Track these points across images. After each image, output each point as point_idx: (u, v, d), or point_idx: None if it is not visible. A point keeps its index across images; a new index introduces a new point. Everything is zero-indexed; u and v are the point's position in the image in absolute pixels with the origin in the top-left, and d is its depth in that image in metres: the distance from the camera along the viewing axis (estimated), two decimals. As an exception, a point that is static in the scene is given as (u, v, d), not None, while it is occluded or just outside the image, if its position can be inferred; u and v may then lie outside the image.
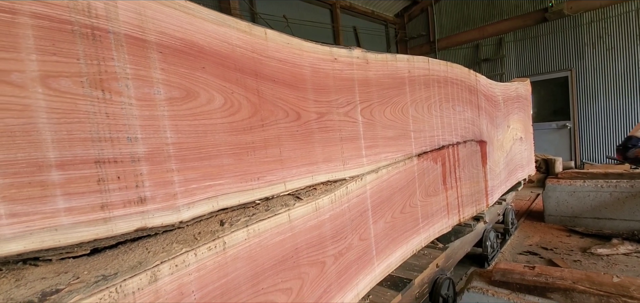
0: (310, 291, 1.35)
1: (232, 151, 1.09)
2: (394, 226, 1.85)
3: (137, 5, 0.86)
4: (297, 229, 1.30)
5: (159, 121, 0.91)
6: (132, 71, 0.85)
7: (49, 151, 0.74)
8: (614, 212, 4.24)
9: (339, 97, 1.48)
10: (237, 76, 1.09)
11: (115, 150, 0.83)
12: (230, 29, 1.08)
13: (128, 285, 0.85)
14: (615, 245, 3.91)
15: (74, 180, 0.77)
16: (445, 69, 2.48)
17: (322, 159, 1.41)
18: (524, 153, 4.40)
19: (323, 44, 1.41)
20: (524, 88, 4.47)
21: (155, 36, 0.90)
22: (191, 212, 0.99)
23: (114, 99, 0.82)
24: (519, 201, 5.86)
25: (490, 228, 3.68)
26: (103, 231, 0.82)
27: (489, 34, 8.34)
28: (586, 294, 1.75)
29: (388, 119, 1.81)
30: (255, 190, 1.17)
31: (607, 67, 6.94)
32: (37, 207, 0.73)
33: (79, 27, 0.78)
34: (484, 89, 3.16)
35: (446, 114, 2.45)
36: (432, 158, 2.24)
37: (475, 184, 2.90)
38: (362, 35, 8.55)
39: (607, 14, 6.82)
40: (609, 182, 4.30)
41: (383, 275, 1.78)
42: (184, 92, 0.96)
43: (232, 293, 1.08)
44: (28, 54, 0.71)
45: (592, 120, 7.19)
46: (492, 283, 2.10)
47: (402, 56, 1.95)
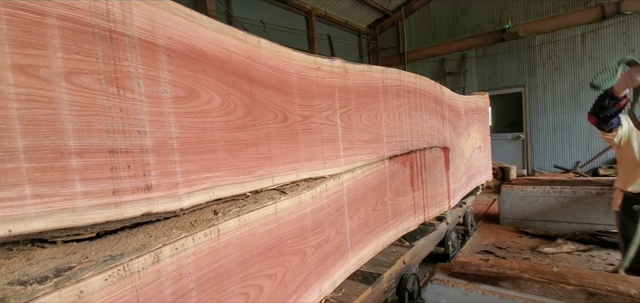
0: (292, 277, 1.47)
1: (227, 147, 1.20)
2: (367, 222, 2.03)
3: (150, 12, 0.96)
4: (282, 220, 1.42)
5: (165, 117, 1.00)
6: (143, 71, 0.95)
7: (70, 140, 0.82)
8: (558, 215, 4.73)
9: (321, 102, 1.63)
10: (234, 80, 1.21)
11: (127, 141, 0.92)
12: (228, 37, 1.19)
13: (134, 264, 0.93)
14: (559, 245, 4.36)
15: (90, 167, 0.85)
16: (415, 81, 2.71)
17: (305, 157, 1.55)
18: (482, 160, 4.79)
19: (308, 54, 1.56)
20: (483, 101, 4.88)
21: (164, 41, 1.00)
22: (191, 200, 1.09)
23: (127, 96, 0.92)
24: (478, 206, 6.31)
25: (451, 229, 3.98)
26: (114, 214, 0.91)
27: (453, 49, 8.91)
28: (531, 282, 2.01)
29: (364, 124, 1.98)
30: (247, 183, 1.29)
31: (555, 85, 7.68)
32: (58, 190, 0.81)
33: (99, 29, 0.87)
34: (448, 101, 3.45)
35: (415, 121, 2.68)
36: (402, 161, 2.45)
37: (439, 187, 3.16)
38: (336, 44, 8.81)
39: (556, 37, 7.56)
40: (555, 188, 4.79)
41: (356, 266, 1.94)
42: (187, 92, 1.07)
43: (224, 276, 1.18)
44: (54, 52, 0.80)
45: (542, 132, 7.91)
46: (452, 275, 2.32)
47: (377, 67, 2.14)
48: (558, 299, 1.90)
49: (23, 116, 0.76)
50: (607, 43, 7.09)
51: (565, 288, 1.90)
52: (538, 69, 7.85)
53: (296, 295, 1.50)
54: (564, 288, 1.90)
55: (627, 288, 1.78)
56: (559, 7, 7.46)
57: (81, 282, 0.83)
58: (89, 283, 0.84)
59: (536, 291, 1.97)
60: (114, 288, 0.88)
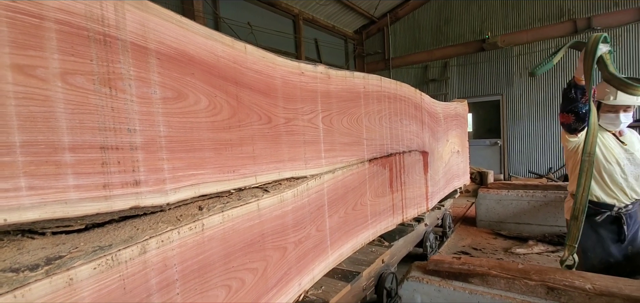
0: (273, 272, 1.55)
1: (213, 146, 1.27)
2: (347, 221, 2.12)
3: (142, 18, 1.02)
4: (264, 217, 1.50)
5: (154, 116, 1.07)
6: (135, 73, 1.01)
7: (64, 136, 0.87)
8: (530, 218, 4.97)
9: (304, 105, 1.72)
10: (221, 83, 1.28)
11: (117, 139, 0.98)
12: (216, 43, 1.26)
13: (122, 254, 0.99)
14: (530, 246, 4.59)
15: (82, 162, 0.91)
16: (395, 87, 2.83)
17: (287, 158, 1.63)
18: (461, 164, 4.99)
19: (293, 60, 1.64)
20: (462, 108, 5.08)
21: (155, 45, 1.06)
22: (177, 196, 1.16)
23: (119, 96, 0.98)
24: (456, 208, 6.53)
25: (430, 230, 4.13)
26: (104, 207, 0.96)
27: (436, 57, 9.19)
28: (497, 278, 2.15)
29: (345, 127, 2.08)
30: (231, 181, 1.36)
31: (531, 94, 8.04)
32: (52, 183, 0.86)
33: (94, 33, 0.92)
34: (427, 107, 3.59)
35: (394, 126, 2.80)
36: (381, 163, 2.56)
37: (418, 189, 3.30)
38: (322, 48, 8.92)
39: (532, 49, 7.93)
40: (528, 192, 5.03)
41: (336, 263, 2.03)
42: (175, 93, 1.13)
43: (207, 268, 1.25)
44: (51, 53, 0.85)
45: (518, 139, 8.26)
46: (427, 272, 2.44)
47: (358, 73, 2.25)
48: (521, 294, 2.05)
49: (20, 113, 0.81)
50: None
51: (528, 284, 2.04)
52: (515, 78, 8.21)
53: (276, 288, 1.57)
54: (527, 284, 2.04)
55: (582, 284, 1.94)
56: (535, 20, 7.83)
57: (71, 270, 0.89)
58: (78, 272, 0.90)
59: (502, 286, 2.12)
60: (102, 277, 0.94)
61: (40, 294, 0.83)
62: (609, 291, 1.86)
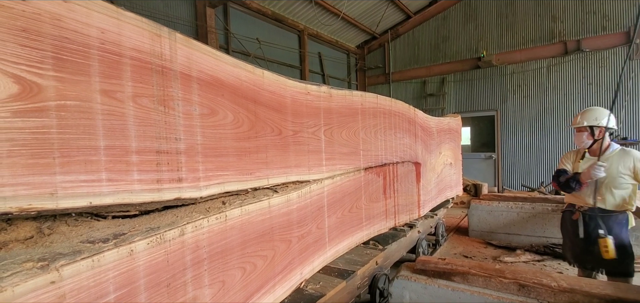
0: (280, 260, 1.84)
1: (235, 153, 1.57)
2: (343, 221, 2.41)
3: (188, 53, 1.34)
4: (274, 213, 1.79)
5: (193, 128, 1.37)
6: (182, 95, 1.32)
7: (132, 142, 1.18)
8: (520, 229, 5.23)
9: (309, 120, 2.03)
10: (243, 101, 1.59)
11: (168, 145, 1.28)
12: (240, 70, 1.58)
13: (167, 234, 1.29)
14: (518, 255, 4.85)
15: (144, 162, 1.21)
16: (390, 104, 3.15)
17: (294, 164, 1.93)
18: (453, 176, 5.27)
19: (300, 81, 1.96)
20: (455, 122, 5.39)
21: (196, 73, 1.38)
22: (207, 191, 1.45)
23: (170, 113, 1.28)
24: (450, 218, 6.78)
25: (423, 238, 4.40)
26: (157, 197, 1.26)
27: (434, 73, 9.56)
28: (476, 276, 2.43)
29: (344, 139, 2.38)
30: (248, 182, 1.66)
31: (524, 111, 8.38)
32: (123, 176, 1.16)
33: (155, 66, 1.24)
34: (420, 121, 3.90)
35: (389, 139, 3.10)
36: (376, 172, 2.86)
37: (410, 197, 3.59)
38: (326, 62, 9.30)
39: (526, 68, 8.29)
40: (517, 204, 5.30)
41: (333, 258, 2.32)
42: (209, 110, 1.44)
43: (228, 252, 1.54)
44: (126, 81, 1.16)
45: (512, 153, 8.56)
46: (415, 271, 2.72)
47: (357, 92, 2.56)
48: (497, 290, 2.32)
49: (105, 125, 1.11)
50: (569, 75, 7.84)
51: (503, 281, 2.32)
52: (509, 95, 8.55)
53: (282, 274, 1.86)
54: (502, 281, 2.32)
55: (549, 282, 2.22)
56: (528, 41, 8.20)
57: (132, 244, 1.18)
58: (137, 245, 1.19)
59: (480, 284, 2.39)
60: (153, 251, 1.23)
61: (111, 260, 1.12)
62: (571, 288, 2.14)
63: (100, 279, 1.04)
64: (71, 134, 1.03)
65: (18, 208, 0.95)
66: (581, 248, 2.73)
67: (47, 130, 0.98)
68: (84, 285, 1.00)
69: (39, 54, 0.98)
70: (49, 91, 0.99)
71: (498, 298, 2.27)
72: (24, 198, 0.95)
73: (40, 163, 0.97)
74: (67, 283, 0.97)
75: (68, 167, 1.02)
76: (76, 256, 1.02)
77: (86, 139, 1.06)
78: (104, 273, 1.05)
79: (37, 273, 0.94)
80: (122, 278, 1.10)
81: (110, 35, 1.12)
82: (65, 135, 1.01)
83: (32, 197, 0.97)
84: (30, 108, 0.96)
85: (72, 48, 1.04)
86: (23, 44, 0.95)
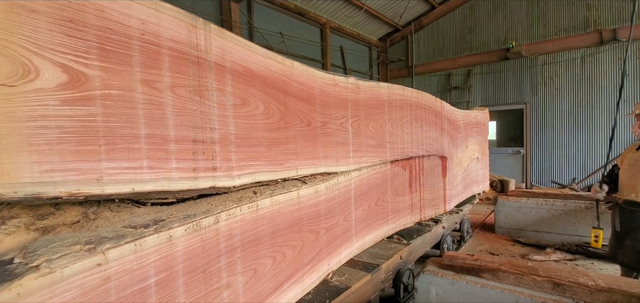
0: (308, 251, 1.85)
1: (266, 143, 1.58)
2: (370, 214, 2.39)
3: (222, 44, 1.35)
4: (303, 204, 1.80)
5: (227, 118, 1.39)
6: (216, 85, 1.34)
7: (171, 131, 1.21)
8: (550, 226, 5.03)
9: (337, 112, 2.01)
10: (273, 92, 1.60)
11: (204, 135, 1.30)
12: (271, 61, 1.58)
13: (203, 221, 1.31)
14: (548, 253, 4.66)
15: (181, 151, 1.24)
16: (417, 96, 3.08)
17: (322, 156, 1.93)
18: (480, 171, 5.12)
19: (329, 73, 1.94)
20: (482, 116, 5.22)
21: (230, 64, 1.39)
22: (240, 181, 1.47)
23: (205, 103, 1.30)
24: (476, 215, 6.61)
25: (447, 233, 4.31)
26: (193, 185, 1.29)
27: (459, 65, 9.28)
28: (507, 273, 2.35)
29: (370, 131, 2.36)
30: (278, 172, 1.67)
31: (555, 104, 8.00)
32: (162, 164, 1.19)
33: (191, 56, 1.26)
34: (447, 114, 3.81)
35: (415, 131, 3.04)
36: (402, 165, 2.82)
37: (436, 191, 3.51)
38: (347, 55, 9.22)
39: (558, 58, 7.89)
40: (547, 201, 5.09)
41: (359, 250, 2.31)
42: (242, 101, 1.45)
43: (259, 241, 1.56)
44: (165, 71, 1.19)
45: (541, 148, 8.21)
46: (442, 267, 2.67)
47: (384, 84, 2.52)
48: (529, 288, 2.24)
49: (145, 114, 1.14)
50: (604, 67, 7.41)
51: (536, 279, 2.24)
52: (539, 87, 8.18)
53: (310, 265, 1.87)
54: (534, 279, 2.24)
55: (586, 281, 2.12)
56: (560, 30, 7.80)
57: (171, 230, 1.21)
58: (175, 231, 1.22)
59: (511, 281, 2.32)
60: (190, 237, 1.26)
61: (151, 244, 1.16)
62: (609, 287, 2.04)
63: (142, 263, 1.08)
64: (115, 122, 1.06)
65: (67, 193, 0.99)
66: (615, 242, 2.63)
67: (93, 118, 1.02)
68: (128, 268, 1.04)
69: (84, 44, 1.01)
70: (95, 80, 1.02)
71: (531, 297, 2.20)
72: (72, 184, 1.00)
73: (87, 150, 1.01)
74: (112, 266, 1.01)
75: (112, 154, 1.05)
76: (120, 240, 1.05)
77: (128, 128, 1.09)
78: (145, 257, 1.08)
79: (84, 256, 0.98)
80: (162, 263, 1.13)
81: (149, 26, 1.15)
82: (109, 123, 1.05)
83: (80, 183, 1.01)
84: (77, 97, 0.99)
85: (114, 39, 1.07)
86: (69, 35, 0.99)
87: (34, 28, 0.92)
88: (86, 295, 0.93)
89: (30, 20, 0.92)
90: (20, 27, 0.90)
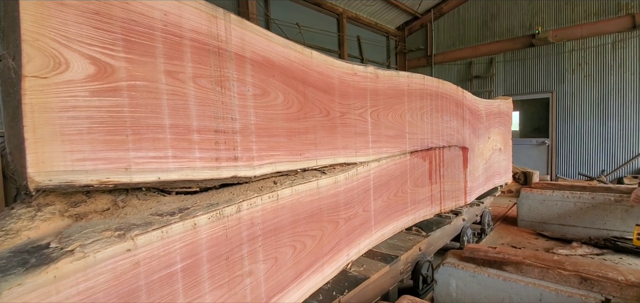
0: (327, 240, 1.85)
1: (285, 133, 1.59)
2: (389, 205, 2.37)
3: (242, 34, 1.36)
4: (322, 194, 1.80)
5: (247, 109, 1.40)
6: (236, 75, 1.35)
7: (193, 121, 1.23)
8: (576, 220, 4.84)
9: (356, 101, 1.99)
10: (292, 82, 1.59)
11: (225, 125, 1.32)
12: (290, 50, 1.58)
13: (225, 210, 1.34)
14: (574, 248, 4.50)
15: (203, 141, 1.26)
16: (437, 85, 3.01)
17: (341, 146, 1.92)
18: (502, 162, 4.98)
19: (347, 62, 1.92)
20: (506, 105, 5.05)
21: (249, 54, 1.39)
22: (261, 171, 1.49)
23: (226, 93, 1.32)
24: (497, 208, 6.45)
25: (468, 226, 4.22)
26: (215, 174, 1.31)
27: (481, 53, 8.98)
28: (531, 267, 2.29)
29: (390, 122, 2.32)
30: (298, 162, 1.67)
31: (584, 93, 7.63)
32: (186, 154, 1.22)
33: (212, 47, 1.27)
34: (469, 104, 3.70)
35: (435, 122, 2.98)
36: (422, 156, 2.77)
37: (456, 183, 3.44)
38: (364, 45, 9.10)
39: (587, 44, 7.50)
40: (574, 193, 4.90)
41: (378, 241, 2.30)
42: (261, 91, 1.46)
43: (280, 230, 1.57)
44: (187, 62, 1.20)
45: (568, 139, 7.87)
46: (463, 259, 2.62)
47: (403, 73, 2.48)
48: (555, 283, 2.18)
49: (169, 104, 1.17)
50: (636, 53, 6.99)
51: (562, 273, 2.17)
52: (567, 75, 7.81)
53: (330, 254, 1.87)
54: (561, 273, 2.17)
55: (615, 275, 2.04)
56: (590, 14, 7.39)
57: (195, 218, 1.24)
58: (199, 219, 1.25)
59: (536, 275, 2.25)
60: (213, 225, 1.29)
61: (177, 232, 1.19)
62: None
63: (169, 249, 1.11)
64: (141, 113, 1.09)
65: (98, 181, 1.03)
66: None
67: (120, 109, 1.05)
68: (155, 254, 1.08)
69: (110, 37, 1.04)
70: (121, 71, 1.05)
71: (556, 291, 2.13)
72: (102, 172, 1.03)
73: (115, 140, 1.04)
74: (141, 252, 1.04)
75: (139, 144, 1.08)
76: (148, 227, 1.09)
77: (153, 118, 1.12)
78: (172, 243, 1.12)
79: (115, 241, 1.02)
80: (188, 249, 1.16)
81: (172, 17, 1.16)
82: (135, 114, 1.08)
83: (109, 171, 1.04)
84: (105, 88, 1.02)
85: (139, 30, 1.09)
86: (96, 27, 1.01)
87: (63, 21, 0.95)
88: (117, 279, 0.97)
89: (59, 14, 0.95)
90: (50, 20, 0.93)
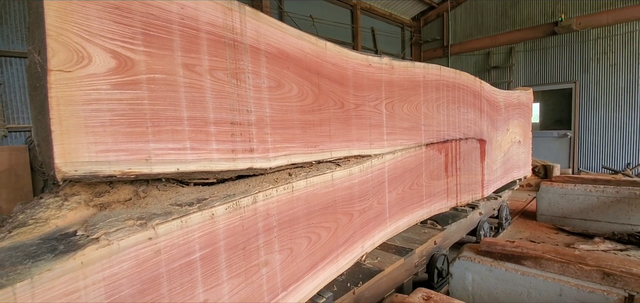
0: (342, 232, 1.86)
1: (300, 125, 1.60)
2: (404, 198, 2.35)
3: (257, 26, 1.36)
4: (337, 186, 1.81)
5: (262, 101, 1.41)
6: (252, 68, 1.36)
7: (210, 113, 1.25)
8: (599, 215, 4.68)
9: (370, 93, 1.98)
10: (307, 74, 1.59)
11: (241, 117, 1.34)
12: (304, 42, 1.57)
13: (241, 201, 1.36)
14: (596, 243, 4.36)
15: (220, 132, 1.28)
16: (454, 76, 2.95)
17: (355, 138, 1.91)
18: (521, 155, 4.85)
19: (361, 53, 1.91)
20: (525, 96, 4.90)
21: (264, 46, 1.40)
22: (276, 163, 1.50)
23: (242, 85, 1.33)
24: (515, 202, 6.30)
25: (484, 220, 4.15)
26: (232, 166, 1.33)
27: (500, 42, 8.72)
28: (551, 261, 2.23)
29: (405, 113, 2.30)
30: (312, 154, 1.68)
31: (610, 82, 7.31)
32: (204, 145, 1.24)
33: (227, 39, 1.28)
34: (487, 95, 3.61)
35: (452, 113, 2.93)
36: (438, 148, 2.73)
37: (473, 176, 3.38)
38: (379, 37, 8.98)
39: (613, 31, 7.17)
40: (598, 187, 4.73)
41: (393, 234, 2.29)
42: (276, 83, 1.47)
43: (295, 221, 1.59)
44: (203, 55, 1.22)
45: (592, 131, 7.58)
46: (479, 253, 2.58)
47: (419, 64, 2.44)
48: (576, 278, 2.12)
49: (187, 97, 1.19)
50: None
51: (583, 268, 2.11)
52: (591, 64, 7.50)
53: (344, 246, 1.88)
54: (582, 268, 2.11)
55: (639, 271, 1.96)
56: (617, 0, 7.05)
57: (213, 208, 1.27)
58: (217, 209, 1.27)
59: (556, 270, 2.20)
60: (230, 215, 1.31)
61: (196, 221, 1.21)
62: (669, 280, 1.87)
63: (188, 238, 1.14)
64: (160, 105, 1.11)
65: (120, 172, 1.06)
66: None
67: (141, 101, 1.08)
68: (175, 243, 1.11)
69: (130, 30, 1.06)
70: (141, 65, 1.08)
71: (577, 286, 2.08)
72: (124, 163, 1.06)
73: (136, 132, 1.07)
74: (162, 240, 1.07)
75: (159, 136, 1.11)
76: (168, 216, 1.12)
77: (172, 110, 1.14)
78: (191, 232, 1.15)
79: (137, 230, 1.05)
80: (206, 239, 1.19)
81: (188, 10, 1.18)
82: (155, 106, 1.10)
83: (131, 162, 1.08)
84: (126, 81, 1.05)
85: (157, 24, 1.11)
86: (117, 21, 1.04)
87: (85, 16, 0.98)
88: (140, 265, 1.00)
89: (81, 9, 0.97)
90: (72, 15, 0.96)
